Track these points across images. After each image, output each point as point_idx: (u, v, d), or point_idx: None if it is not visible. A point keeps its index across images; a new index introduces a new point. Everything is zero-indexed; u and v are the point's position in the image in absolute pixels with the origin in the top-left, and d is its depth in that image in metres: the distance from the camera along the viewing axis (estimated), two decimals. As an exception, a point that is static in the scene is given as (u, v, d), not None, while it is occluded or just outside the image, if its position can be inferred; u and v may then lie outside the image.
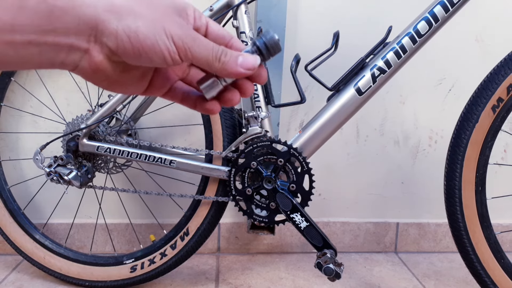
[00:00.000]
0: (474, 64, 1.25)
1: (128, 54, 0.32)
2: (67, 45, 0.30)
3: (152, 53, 0.32)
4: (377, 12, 1.20)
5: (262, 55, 0.35)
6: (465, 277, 1.21)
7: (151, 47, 0.32)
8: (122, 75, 0.35)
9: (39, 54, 0.30)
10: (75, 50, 0.31)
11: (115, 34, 0.31)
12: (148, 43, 0.31)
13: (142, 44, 0.31)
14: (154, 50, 0.32)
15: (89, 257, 1.09)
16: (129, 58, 0.32)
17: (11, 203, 1.11)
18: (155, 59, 0.32)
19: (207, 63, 0.33)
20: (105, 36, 0.31)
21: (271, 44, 0.34)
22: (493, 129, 0.89)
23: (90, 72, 0.33)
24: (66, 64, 0.32)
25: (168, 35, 0.32)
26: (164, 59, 0.32)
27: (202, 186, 1.03)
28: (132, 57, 0.32)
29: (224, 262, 1.26)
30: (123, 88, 0.36)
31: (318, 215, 1.32)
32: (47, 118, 1.19)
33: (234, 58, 0.34)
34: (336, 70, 0.95)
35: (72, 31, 0.30)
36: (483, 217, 0.92)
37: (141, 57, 0.32)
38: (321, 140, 0.93)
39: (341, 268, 0.89)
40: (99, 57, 0.32)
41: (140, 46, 0.31)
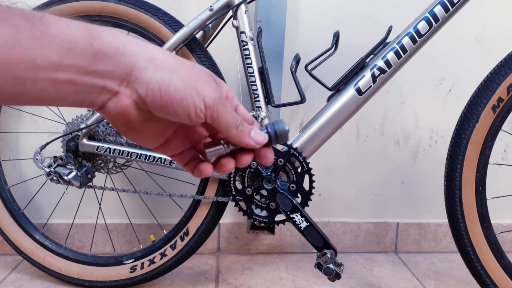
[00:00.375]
0: (474, 64, 1.25)
1: (156, 103, 0.33)
2: (101, 86, 0.32)
3: (178, 106, 0.33)
4: (377, 12, 1.20)
5: (270, 139, 0.39)
6: (465, 277, 1.21)
7: (179, 100, 0.33)
8: (143, 125, 0.36)
9: (75, 93, 0.31)
10: (106, 92, 0.32)
11: (147, 82, 0.32)
12: (177, 97, 0.33)
13: (171, 96, 0.33)
14: (181, 104, 0.33)
15: (89, 257, 1.09)
16: (155, 108, 0.33)
17: (11, 203, 1.11)
18: (180, 112, 0.33)
19: (227, 127, 0.36)
20: (137, 83, 0.32)
21: (280, 133, 0.38)
22: (493, 129, 0.89)
23: (114, 113, 0.34)
24: (94, 104, 0.33)
25: (200, 95, 0.34)
26: (188, 115, 0.34)
27: (202, 186, 1.03)
28: (158, 107, 0.33)
29: (224, 262, 1.26)
30: (139, 137, 0.38)
31: (318, 215, 1.32)
32: (47, 118, 1.19)
33: (248, 130, 0.38)
34: (336, 70, 0.95)
35: (108, 75, 0.32)
36: (483, 217, 0.92)
37: (167, 108, 0.33)
38: (321, 140, 0.93)
39: (341, 268, 0.89)
40: (126, 101, 0.33)
41: (168, 98, 0.33)
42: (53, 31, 0.29)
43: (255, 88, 0.96)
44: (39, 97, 0.30)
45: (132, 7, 0.99)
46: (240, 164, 0.40)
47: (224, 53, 1.16)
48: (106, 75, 0.31)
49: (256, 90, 0.96)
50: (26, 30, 0.28)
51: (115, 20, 1.01)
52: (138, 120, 0.35)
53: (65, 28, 0.30)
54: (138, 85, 0.32)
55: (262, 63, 0.96)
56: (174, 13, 1.04)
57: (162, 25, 0.98)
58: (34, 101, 0.31)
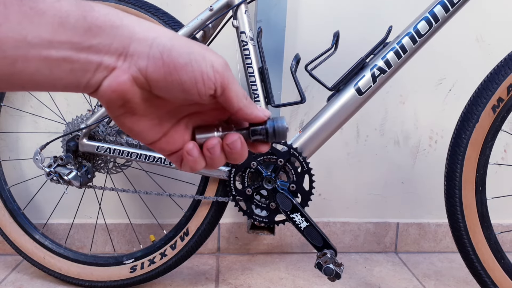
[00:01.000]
0: (474, 64, 1.25)
1: (158, 74, 0.30)
2: (97, 63, 0.30)
3: (183, 73, 0.30)
4: (377, 12, 1.20)
5: (267, 135, 0.35)
6: (465, 277, 1.21)
7: (184, 66, 0.30)
8: (141, 107, 0.33)
9: (70, 73, 0.29)
10: (102, 69, 0.30)
11: (147, 51, 0.30)
12: (181, 62, 0.30)
13: (175, 62, 0.30)
14: (186, 70, 0.30)
15: (89, 257, 1.09)
16: (157, 80, 0.31)
17: (11, 203, 1.11)
18: (186, 81, 0.31)
19: (237, 97, 0.33)
20: (136, 55, 0.30)
21: (279, 131, 0.35)
22: (493, 129, 0.89)
23: (110, 93, 0.31)
24: (90, 85, 0.30)
25: (207, 60, 0.31)
26: (196, 84, 0.31)
27: (202, 186, 1.03)
28: (161, 79, 0.30)
29: (224, 262, 1.26)
30: (136, 124, 0.34)
31: (318, 215, 1.32)
32: (47, 118, 1.19)
33: (254, 103, 0.35)
34: (336, 70, 0.95)
35: (105, 50, 0.29)
36: (483, 217, 0.92)
37: (170, 77, 0.30)
38: (321, 140, 0.93)
39: (341, 268, 0.89)
40: (123, 77, 0.30)
41: (172, 64, 0.30)
42: (42, 6, 0.27)
43: (255, 88, 0.96)
44: (32, 79, 0.29)
45: (132, 7, 0.99)
46: (232, 149, 0.36)
47: (224, 53, 1.16)
48: (102, 50, 0.29)
49: (256, 90, 0.96)
50: (13, 5, 0.26)
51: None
52: (137, 100, 0.32)
53: (55, 2, 0.28)
54: (137, 57, 0.30)
55: (262, 63, 0.96)
56: (174, 13, 1.04)
57: (162, 25, 0.98)
58: (27, 84, 0.29)
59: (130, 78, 0.30)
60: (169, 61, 0.30)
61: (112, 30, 0.29)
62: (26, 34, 0.27)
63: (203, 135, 0.35)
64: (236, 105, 0.33)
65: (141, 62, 0.30)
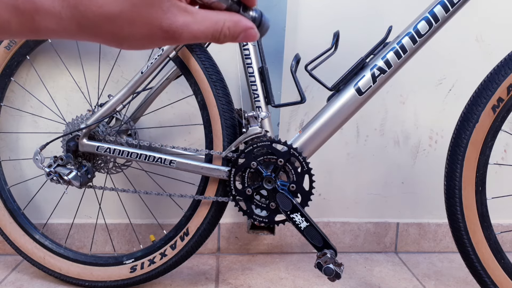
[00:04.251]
0: (474, 64, 1.25)
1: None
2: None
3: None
4: (377, 12, 1.20)
5: (260, 23, 0.32)
6: (465, 277, 1.21)
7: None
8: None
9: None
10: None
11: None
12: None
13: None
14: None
15: (89, 257, 1.09)
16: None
17: (11, 203, 1.11)
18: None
19: None
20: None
21: (266, 23, 0.33)
22: (493, 129, 0.89)
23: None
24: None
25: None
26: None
27: (202, 186, 1.03)
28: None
29: (224, 262, 1.26)
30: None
31: (318, 215, 1.32)
32: (47, 118, 1.19)
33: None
34: (336, 70, 0.95)
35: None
36: (483, 217, 0.92)
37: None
38: (321, 140, 0.93)
39: (341, 268, 0.89)
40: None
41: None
42: None
43: (255, 88, 0.96)
44: None
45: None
46: None
47: (224, 53, 1.16)
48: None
49: (256, 90, 0.96)
50: None
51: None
52: None
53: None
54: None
55: (262, 63, 0.96)
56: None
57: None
58: None
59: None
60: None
61: None
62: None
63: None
64: None
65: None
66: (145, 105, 1.07)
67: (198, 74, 0.99)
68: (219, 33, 0.29)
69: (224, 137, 0.99)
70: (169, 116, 1.22)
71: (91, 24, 0.27)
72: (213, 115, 0.99)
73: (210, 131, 1.01)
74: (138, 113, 1.08)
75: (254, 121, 0.94)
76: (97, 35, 0.27)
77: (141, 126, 1.19)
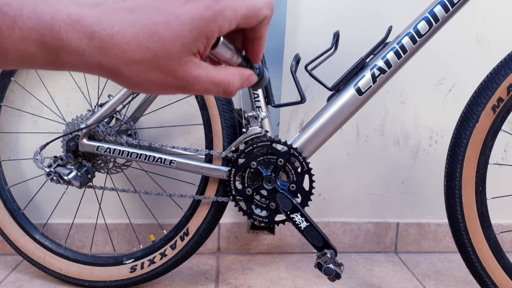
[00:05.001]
0: (474, 64, 1.25)
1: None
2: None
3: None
4: (377, 12, 1.20)
5: (261, 76, 0.38)
6: (465, 277, 1.21)
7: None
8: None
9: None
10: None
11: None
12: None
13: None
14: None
15: (89, 257, 1.09)
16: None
17: (11, 203, 1.11)
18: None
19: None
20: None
21: (266, 77, 0.38)
22: (493, 129, 0.89)
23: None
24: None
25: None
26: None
27: (202, 186, 1.03)
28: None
29: (224, 262, 1.26)
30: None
31: (318, 215, 1.32)
32: (47, 118, 1.19)
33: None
34: (336, 70, 0.95)
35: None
36: (483, 217, 0.92)
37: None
38: (321, 140, 0.93)
39: (341, 268, 0.89)
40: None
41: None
42: (8, 45, 0.27)
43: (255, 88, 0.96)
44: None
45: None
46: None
47: (224, 53, 1.16)
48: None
49: (256, 90, 0.96)
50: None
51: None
52: None
53: (21, 42, 0.27)
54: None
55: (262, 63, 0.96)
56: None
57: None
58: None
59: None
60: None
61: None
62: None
63: (224, 49, 0.33)
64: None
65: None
66: (145, 105, 1.07)
67: (198, 74, 0.98)
68: (229, 85, 0.32)
69: (224, 137, 0.99)
70: (169, 116, 1.22)
71: (112, 66, 0.28)
72: (213, 115, 0.99)
73: (210, 131, 1.01)
74: (138, 113, 1.08)
75: (254, 121, 0.94)
76: (115, 75, 0.29)
77: (141, 126, 1.19)
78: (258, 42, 0.34)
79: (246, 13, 0.30)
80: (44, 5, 0.27)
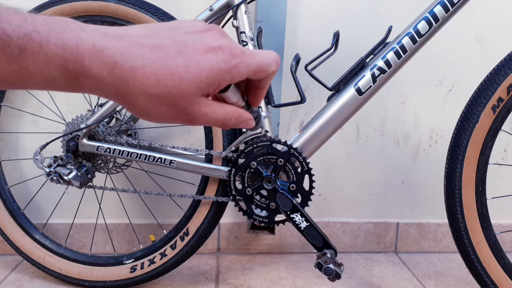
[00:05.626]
0: (474, 64, 1.25)
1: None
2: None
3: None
4: (377, 12, 1.20)
5: (258, 118, 0.43)
6: (465, 277, 1.21)
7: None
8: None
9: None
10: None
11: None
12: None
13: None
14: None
15: (89, 257, 1.09)
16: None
17: (11, 203, 1.11)
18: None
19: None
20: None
21: (260, 120, 0.43)
22: (493, 129, 0.89)
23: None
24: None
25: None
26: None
27: (202, 186, 1.03)
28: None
29: (224, 262, 1.26)
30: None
31: (318, 215, 1.32)
32: (47, 118, 1.19)
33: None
34: (336, 70, 0.95)
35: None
36: (483, 217, 0.92)
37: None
38: (321, 140, 0.93)
39: (341, 268, 0.89)
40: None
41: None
42: (31, 68, 0.28)
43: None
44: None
45: (132, 7, 0.99)
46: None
47: (224, 53, 1.16)
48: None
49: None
50: (1, 61, 0.27)
51: (114, 20, 1.01)
52: None
53: (45, 66, 0.28)
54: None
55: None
56: (174, 13, 1.04)
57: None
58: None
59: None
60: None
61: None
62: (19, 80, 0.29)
63: (232, 94, 0.37)
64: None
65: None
66: (145, 105, 1.07)
67: (198, 74, 0.98)
68: (228, 121, 0.36)
69: (224, 137, 0.99)
70: (169, 116, 1.22)
71: (128, 95, 0.30)
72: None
73: (210, 131, 1.01)
74: (138, 113, 1.08)
75: (254, 121, 0.94)
76: (129, 104, 0.31)
77: (141, 126, 1.19)
78: (261, 91, 0.38)
79: (257, 68, 0.34)
80: (70, 33, 0.28)
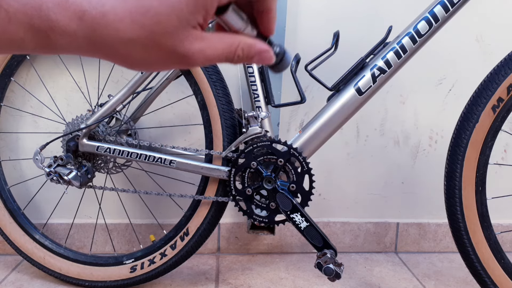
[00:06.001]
0: (474, 64, 1.25)
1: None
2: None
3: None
4: (377, 12, 1.20)
5: (282, 55, 0.33)
6: (465, 277, 1.21)
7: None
8: None
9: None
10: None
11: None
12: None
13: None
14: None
15: (89, 257, 1.09)
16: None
17: (11, 203, 1.11)
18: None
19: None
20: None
21: (287, 59, 0.34)
22: (493, 129, 0.89)
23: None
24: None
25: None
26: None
27: (202, 186, 1.03)
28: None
29: (224, 262, 1.26)
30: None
31: (318, 215, 1.32)
32: (47, 118, 1.19)
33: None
34: (336, 70, 0.95)
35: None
36: (483, 217, 0.92)
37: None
38: (321, 140, 0.93)
39: (341, 268, 0.89)
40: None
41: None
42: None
43: (255, 88, 0.96)
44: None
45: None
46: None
47: (224, 53, 1.16)
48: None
49: (256, 90, 0.96)
50: None
51: None
52: None
53: (6, 25, 0.26)
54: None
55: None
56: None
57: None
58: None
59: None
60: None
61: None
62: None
63: (235, 18, 0.31)
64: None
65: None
66: (145, 105, 1.07)
67: (198, 74, 0.99)
68: (233, 54, 0.30)
69: (224, 137, 0.99)
70: (169, 116, 1.22)
71: (106, 46, 0.27)
72: (213, 115, 0.99)
73: (210, 131, 1.01)
74: (138, 113, 1.08)
75: (254, 121, 0.94)
76: (110, 55, 0.28)
77: (141, 126, 1.19)
78: (268, 15, 0.31)
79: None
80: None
